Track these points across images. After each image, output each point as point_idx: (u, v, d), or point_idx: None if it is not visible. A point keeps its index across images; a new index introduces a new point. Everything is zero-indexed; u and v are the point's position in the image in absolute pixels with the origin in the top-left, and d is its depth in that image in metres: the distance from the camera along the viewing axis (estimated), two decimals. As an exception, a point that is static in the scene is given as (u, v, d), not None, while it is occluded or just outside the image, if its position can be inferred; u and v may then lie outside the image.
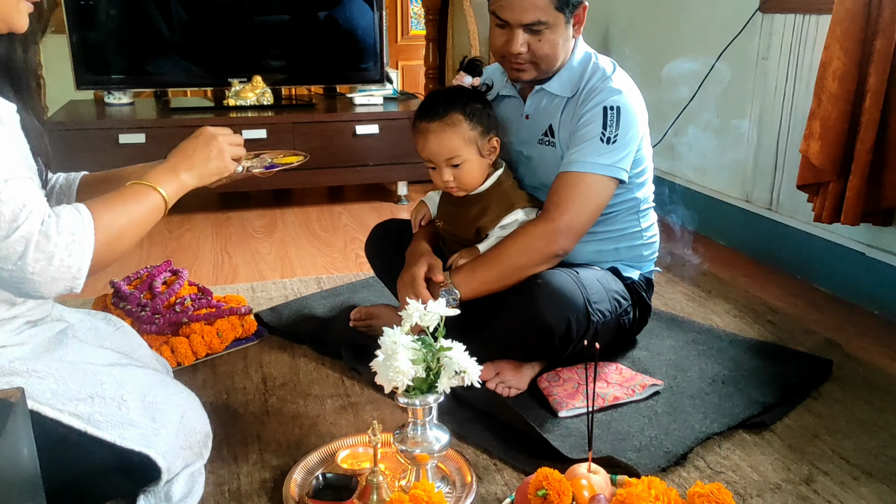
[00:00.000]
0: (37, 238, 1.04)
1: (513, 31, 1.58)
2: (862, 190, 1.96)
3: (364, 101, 3.46)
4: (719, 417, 1.55)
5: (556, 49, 1.61)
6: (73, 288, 1.10)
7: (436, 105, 1.63)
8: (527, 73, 1.64)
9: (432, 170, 1.68)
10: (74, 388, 1.17)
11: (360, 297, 2.20)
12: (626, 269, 1.77)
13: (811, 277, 2.38)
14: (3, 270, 1.05)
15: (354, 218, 3.17)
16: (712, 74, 2.68)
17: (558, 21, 1.58)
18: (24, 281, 1.06)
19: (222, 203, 3.37)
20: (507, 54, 1.62)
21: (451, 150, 1.62)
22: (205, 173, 1.31)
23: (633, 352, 1.85)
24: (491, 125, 1.66)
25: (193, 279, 2.26)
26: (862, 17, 1.92)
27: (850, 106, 1.96)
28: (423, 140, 1.64)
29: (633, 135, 1.62)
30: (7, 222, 1.03)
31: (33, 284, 1.06)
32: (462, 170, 1.64)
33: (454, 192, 1.68)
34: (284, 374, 1.78)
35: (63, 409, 1.15)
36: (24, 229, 1.03)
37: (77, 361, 1.21)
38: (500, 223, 1.66)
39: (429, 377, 1.25)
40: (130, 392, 1.21)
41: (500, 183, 1.68)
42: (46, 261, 1.05)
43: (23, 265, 1.04)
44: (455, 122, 1.61)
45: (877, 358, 1.87)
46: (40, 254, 1.05)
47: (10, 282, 1.06)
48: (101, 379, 1.20)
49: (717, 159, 2.77)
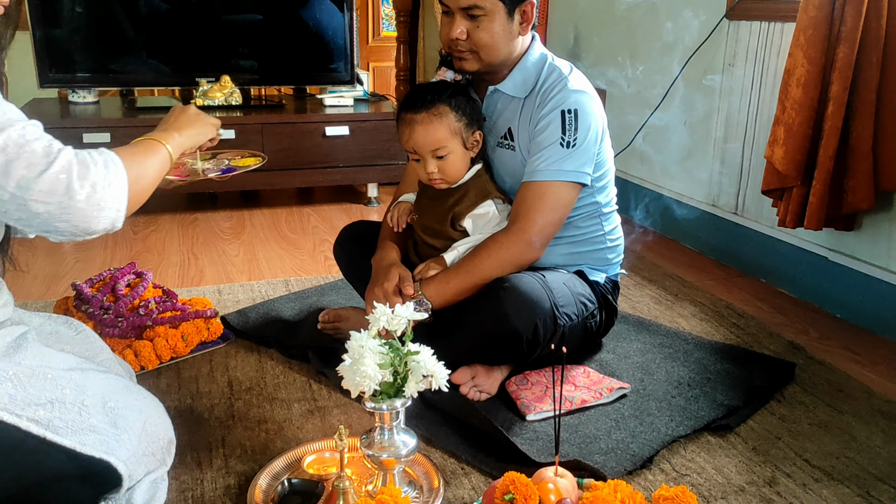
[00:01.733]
0: (77, 168, 1.06)
1: (454, 17, 1.61)
2: (825, 195, 1.99)
3: (334, 102, 3.44)
4: (685, 420, 1.57)
5: (495, 38, 1.62)
6: (116, 221, 1.11)
7: (422, 96, 1.64)
8: (468, 63, 1.65)
9: (416, 162, 1.67)
10: (34, 393, 1.14)
11: (328, 299, 2.18)
12: (592, 273, 1.78)
13: (776, 281, 2.42)
14: (51, 204, 1.04)
15: (324, 220, 3.15)
16: (679, 80, 2.71)
17: (497, 9, 1.59)
18: (73, 212, 1.06)
19: (189, 204, 3.33)
20: (449, 41, 1.64)
21: (438, 140, 1.62)
22: (195, 137, 1.40)
23: (600, 355, 1.86)
24: (475, 118, 1.67)
25: (158, 281, 2.23)
26: (825, 26, 1.96)
27: (813, 113, 2.00)
28: (410, 131, 1.64)
29: (593, 137, 1.64)
30: (41, 157, 1.04)
31: (83, 215, 1.06)
32: (447, 161, 1.64)
33: (437, 185, 1.68)
34: (251, 377, 1.76)
35: (21, 414, 1.12)
36: (61, 161, 1.05)
37: (37, 366, 1.19)
38: (473, 211, 1.67)
39: (396, 381, 1.25)
40: (91, 397, 1.19)
41: (479, 175, 1.69)
42: (91, 188, 1.07)
43: (71, 193, 1.05)
44: (442, 113, 1.62)
45: (839, 361, 1.90)
46: (84, 181, 1.06)
47: (60, 216, 1.05)
48: (62, 384, 1.18)
49: (684, 164, 2.80)
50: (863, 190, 1.95)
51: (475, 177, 1.69)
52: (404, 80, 3.95)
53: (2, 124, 1.03)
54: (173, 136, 1.33)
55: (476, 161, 1.71)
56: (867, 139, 1.93)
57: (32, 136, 1.05)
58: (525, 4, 1.63)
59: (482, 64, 1.65)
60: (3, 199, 1.03)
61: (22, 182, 1.03)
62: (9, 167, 1.02)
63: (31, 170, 1.03)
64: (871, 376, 1.83)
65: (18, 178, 1.03)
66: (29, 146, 1.04)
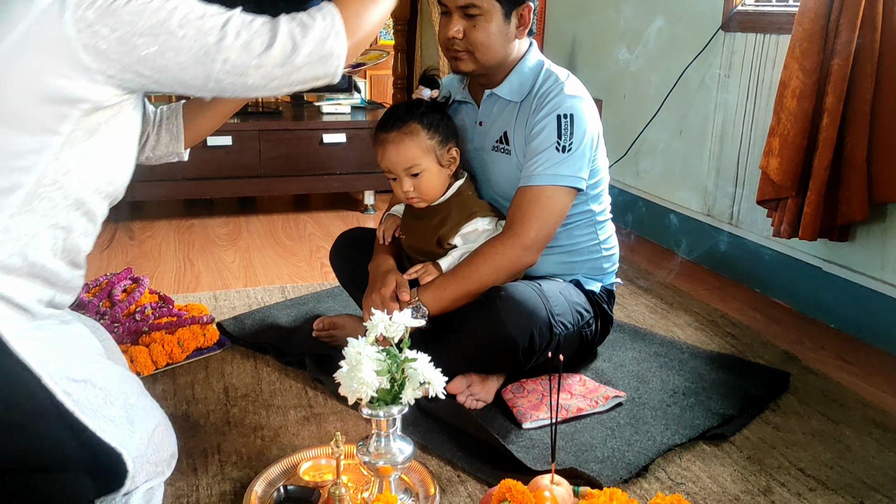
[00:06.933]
0: (298, 29, 1.13)
1: (452, 17, 1.62)
2: (819, 206, 2.00)
3: (331, 109, 3.45)
4: (680, 429, 1.57)
5: (491, 39, 1.63)
6: (339, 68, 1.17)
7: (394, 116, 1.65)
8: (464, 63, 1.66)
9: (393, 181, 1.68)
10: (74, 369, 1.15)
11: (324, 306, 2.18)
12: (588, 282, 1.79)
13: (770, 291, 2.43)
14: (300, 55, 1.12)
15: (320, 226, 3.15)
16: (675, 90, 2.73)
17: (494, 10, 1.61)
18: (302, 66, 1.13)
19: (186, 210, 3.33)
20: (446, 40, 1.65)
21: (410, 159, 1.63)
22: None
23: (596, 363, 1.86)
24: (449, 135, 1.67)
25: (155, 287, 2.23)
26: (820, 38, 1.97)
27: (808, 124, 2.01)
28: (383, 150, 1.65)
29: (589, 142, 1.65)
30: (268, 30, 1.12)
31: (310, 68, 1.14)
32: (422, 179, 1.65)
33: (415, 203, 1.69)
34: (247, 384, 1.76)
35: (59, 384, 1.11)
36: (283, 28, 1.13)
37: (81, 344, 1.20)
38: (460, 231, 1.67)
39: (393, 388, 1.25)
40: (116, 389, 1.19)
41: (460, 193, 1.70)
42: (313, 43, 1.13)
43: (298, 50, 1.12)
44: (413, 132, 1.63)
45: (833, 371, 1.91)
46: (306, 38, 1.13)
47: (311, 61, 1.14)
48: (97, 368, 1.19)
49: (680, 174, 2.81)
50: (857, 201, 1.97)
51: (456, 195, 1.69)
52: (401, 89, 3.97)
53: (223, 13, 1.12)
54: None
55: (460, 175, 1.72)
56: (861, 151, 1.94)
57: (249, 18, 1.13)
58: (522, 8, 1.65)
59: (478, 65, 1.66)
60: (246, 72, 1.12)
61: (256, 54, 1.11)
62: (249, 44, 1.11)
63: (260, 43, 1.11)
64: (864, 386, 1.84)
65: (257, 52, 1.11)
66: (253, 24, 1.12)
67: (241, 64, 1.11)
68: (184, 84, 1.13)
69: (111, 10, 1.06)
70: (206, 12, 1.11)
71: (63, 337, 1.18)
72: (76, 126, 1.10)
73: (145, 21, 1.07)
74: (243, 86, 1.14)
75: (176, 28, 1.08)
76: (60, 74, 1.06)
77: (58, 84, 1.06)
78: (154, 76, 1.11)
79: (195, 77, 1.12)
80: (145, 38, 1.07)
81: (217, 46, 1.10)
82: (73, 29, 1.05)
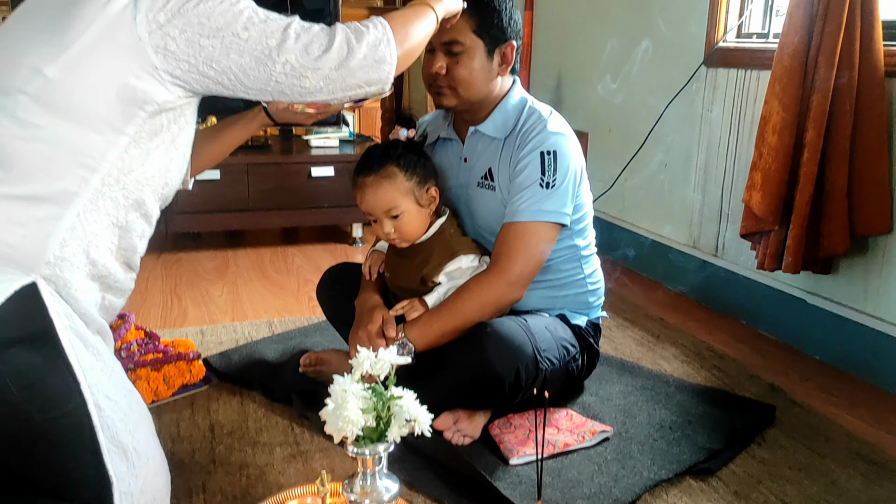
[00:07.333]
0: (353, 35, 1.21)
1: (435, 54, 1.65)
2: (802, 239, 2.03)
3: (320, 143, 3.47)
4: (667, 464, 1.57)
5: (473, 75, 1.65)
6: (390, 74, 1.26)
7: (371, 159, 1.67)
8: (447, 99, 1.69)
9: (374, 223, 1.70)
10: (107, 383, 1.15)
11: (311, 341, 2.18)
12: (574, 316, 1.80)
13: (755, 323, 2.44)
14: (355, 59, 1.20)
15: (308, 259, 3.15)
16: (660, 124, 2.77)
17: (476, 47, 1.64)
18: (357, 69, 1.21)
19: (173, 243, 3.33)
20: (429, 76, 1.68)
21: (388, 201, 1.65)
22: (453, 3, 1.50)
23: (583, 397, 1.86)
24: (427, 174, 1.69)
25: (141, 322, 2.22)
26: (799, 75, 2.01)
27: (789, 159, 2.04)
28: (361, 194, 1.68)
29: (572, 178, 1.67)
30: (326, 34, 1.19)
31: (365, 72, 1.21)
32: (402, 220, 1.66)
33: (397, 244, 1.71)
34: (232, 421, 1.75)
35: (93, 395, 1.11)
36: (339, 34, 1.20)
37: (115, 366, 1.20)
38: (443, 270, 1.68)
39: (379, 426, 1.25)
40: (134, 422, 1.18)
41: (441, 231, 1.71)
42: (368, 48, 1.22)
43: (354, 53, 1.20)
44: (390, 174, 1.64)
45: (818, 404, 1.92)
46: (361, 43, 1.21)
47: (366, 64, 1.22)
48: (125, 394, 1.18)
49: (666, 206, 2.84)
50: (838, 234, 1.99)
51: (438, 233, 1.71)
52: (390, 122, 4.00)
53: (284, 19, 1.19)
54: (440, 0, 1.45)
55: (442, 213, 1.73)
56: (842, 185, 1.97)
57: (308, 24, 1.20)
58: (505, 46, 1.67)
59: (460, 100, 1.68)
60: (304, 74, 1.18)
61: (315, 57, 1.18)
62: (308, 47, 1.18)
63: (319, 46, 1.18)
64: (849, 419, 1.85)
65: (315, 55, 1.18)
66: (312, 29, 1.19)
67: (299, 66, 1.17)
68: (245, 86, 1.19)
69: (181, 12, 1.12)
70: (269, 17, 1.18)
71: (107, 352, 1.19)
72: (141, 127, 1.15)
73: (213, 23, 1.13)
74: (301, 88, 1.20)
75: (241, 30, 1.15)
76: (131, 74, 1.12)
77: (128, 84, 1.12)
78: (218, 77, 1.17)
79: (256, 79, 1.18)
80: (212, 40, 1.14)
81: (278, 49, 1.16)
82: (145, 30, 1.11)
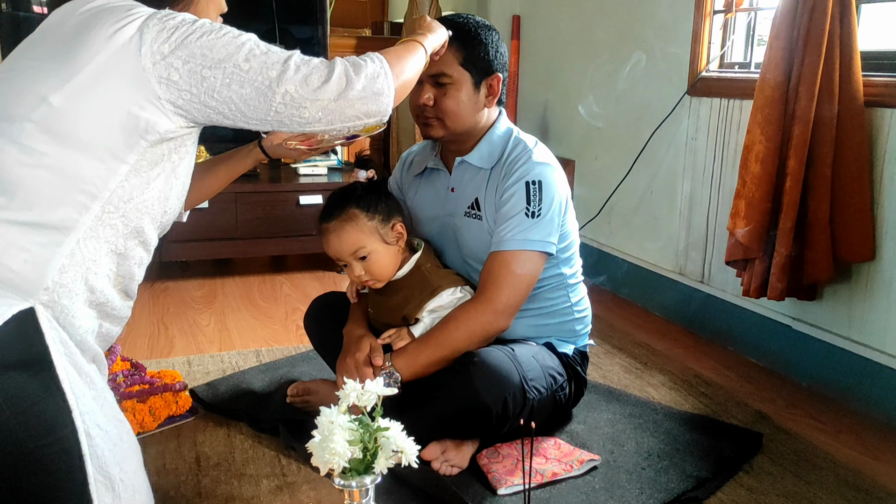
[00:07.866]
0: (351, 67, 1.23)
1: (423, 85, 1.67)
2: (786, 267, 2.05)
3: (308, 171, 3.48)
4: (655, 493, 1.57)
5: (460, 107, 1.68)
6: (388, 107, 1.28)
7: (332, 205, 1.69)
8: (434, 130, 1.71)
9: (345, 267, 1.71)
10: (100, 412, 1.14)
11: (299, 370, 2.17)
12: (561, 344, 1.80)
13: (742, 349, 2.45)
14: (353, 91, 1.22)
15: (296, 288, 3.15)
16: (645, 152, 2.80)
17: (463, 79, 1.66)
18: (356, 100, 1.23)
19: (160, 272, 3.32)
20: (417, 107, 1.70)
21: (353, 243, 1.66)
22: (437, 39, 1.54)
23: (571, 426, 1.86)
24: (391, 211, 1.70)
25: (128, 352, 2.21)
26: (781, 104, 2.04)
27: (772, 187, 2.07)
28: (326, 241, 1.69)
29: (557, 207, 1.68)
30: (324, 67, 1.22)
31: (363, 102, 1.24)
32: (371, 261, 1.67)
33: (371, 285, 1.71)
34: (219, 452, 1.73)
35: (85, 423, 1.10)
36: (338, 66, 1.23)
37: (107, 395, 1.20)
38: (425, 308, 1.69)
39: (366, 458, 1.24)
40: (123, 454, 1.17)
41: (418, 267, 1.72)
42: (366, 80, 1.24)
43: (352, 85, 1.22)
44: (352, 217, 1.66)
45: (805, 430, 1.92)
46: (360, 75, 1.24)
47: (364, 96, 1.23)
48: (116, 424, 1.18)
49: (652, 233, 2.86)
50: (822, 261, 2.01)
51: (415, 269, 1.71)
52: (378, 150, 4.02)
53: (285, 52, 1.22)
54: (427, 36, 1.50)
55: (416, 247, 1.74)
56: (824, 213, 1.99)
57: (308, 57, 1.23)
58: (492, 78, 1.70)
59: (447, 131, 1.70)
60: (303, 105, 1.20)
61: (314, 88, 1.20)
62: (308, 79, 1.20)
63: (318, 78, 1.21)
64: (836, 445, 1.85)
65: (315, 87, 1.20)
66: (311, 62, 1.22)
67: (299, 97, 1.20)
68: (245, 116, 1.22)
69: (185, 43, 1.15)
70: (270, 49, 1.21)
71: (101, 381, 1.19)
72: (142, 156, 1.17)
73: (215, 55, 1.16)
74: (300, 118, 1.22)
75: (242, 62, 1.17)
76: (134, 104, 1.14)
77: (131, 113, 1.14)
78: (219, 107, 1.19)
79: (257, 109, 1.21)
80: (214, 71, 1.16)
81: (279, 80, 1.19)
82: (149, 61, 1.14)
